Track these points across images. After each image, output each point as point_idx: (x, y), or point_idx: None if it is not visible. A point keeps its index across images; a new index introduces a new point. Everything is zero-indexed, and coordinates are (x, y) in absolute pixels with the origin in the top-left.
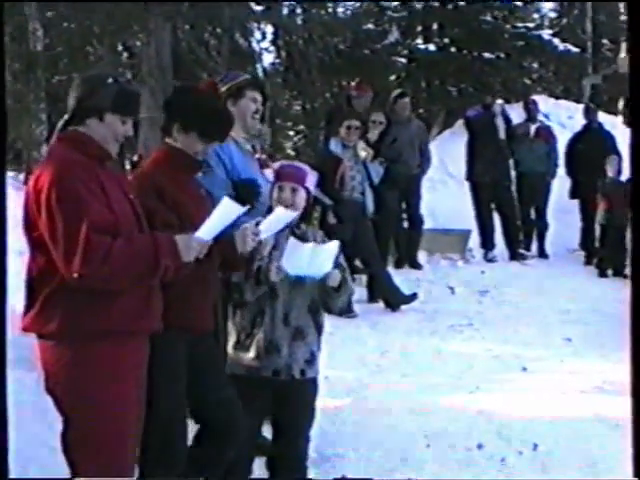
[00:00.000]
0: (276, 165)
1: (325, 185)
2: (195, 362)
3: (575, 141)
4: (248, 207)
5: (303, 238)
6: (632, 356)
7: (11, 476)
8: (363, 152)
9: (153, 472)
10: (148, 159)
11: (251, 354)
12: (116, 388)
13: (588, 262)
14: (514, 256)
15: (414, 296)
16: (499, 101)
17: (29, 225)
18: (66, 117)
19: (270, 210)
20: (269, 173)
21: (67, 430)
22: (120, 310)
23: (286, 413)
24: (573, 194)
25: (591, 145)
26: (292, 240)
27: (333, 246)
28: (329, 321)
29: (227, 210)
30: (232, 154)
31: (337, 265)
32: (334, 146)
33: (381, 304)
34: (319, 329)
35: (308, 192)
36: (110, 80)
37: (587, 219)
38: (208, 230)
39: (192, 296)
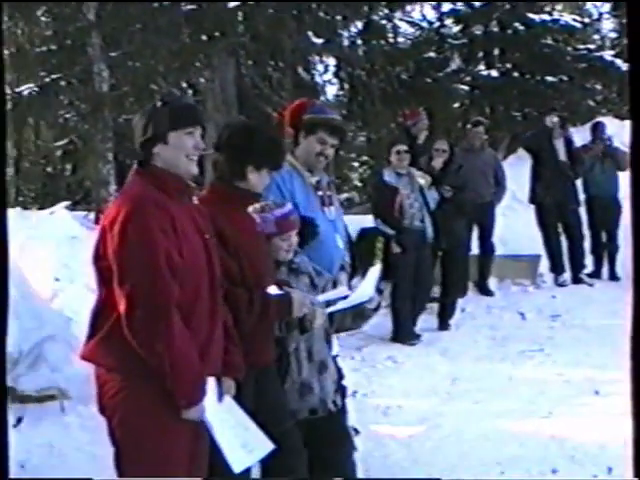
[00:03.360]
0: (270, 216)
1: (385, 215)
2: (258, 393)
3: None
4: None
5: (299, 270)
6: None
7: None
8: (422, 179)
9: None
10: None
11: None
12: (168, 427)
13: None
14: (576, 279)
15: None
16: (554, 119)
17: (98, 255)
18: (139, 159)
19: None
20: (332, 210)
21: (119, 459)
22: None
23: (326, 446)
24: None
25: None
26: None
27: (375, 272)
28: (399, 350)
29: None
30: (294, 189)
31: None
32: (387, 176)
33: (452, 331)
34: (333, 356)
35: None
36: (159, 104)
37: None
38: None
39: (257, 335)
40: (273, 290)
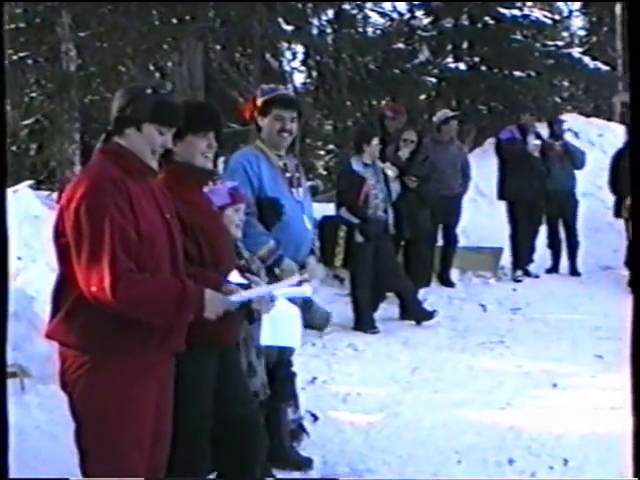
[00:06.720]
0: (223, 187)
1: (350, 204)
2: (221, 374)
3: (618, 158)
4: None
5: (249, 269)
6: (632, 357)
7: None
8: (390, 171)
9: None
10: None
11: None
12: (131, 401)
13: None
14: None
15: (434, 313)
16: (529, 118)
17: (57, 232)
18: (108, 129)
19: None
20: (300, 191)
21: (79, 435)
22: (142, 327)
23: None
24: (617, 212)
25: None
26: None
27: (295, 314)
28: (360, 338)
29: (264, 289)
30: (262, 171)
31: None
32: (356, 165)
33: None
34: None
35: None
36: (149, 91)
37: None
38: (240, 297)
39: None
40: (234, 278)
